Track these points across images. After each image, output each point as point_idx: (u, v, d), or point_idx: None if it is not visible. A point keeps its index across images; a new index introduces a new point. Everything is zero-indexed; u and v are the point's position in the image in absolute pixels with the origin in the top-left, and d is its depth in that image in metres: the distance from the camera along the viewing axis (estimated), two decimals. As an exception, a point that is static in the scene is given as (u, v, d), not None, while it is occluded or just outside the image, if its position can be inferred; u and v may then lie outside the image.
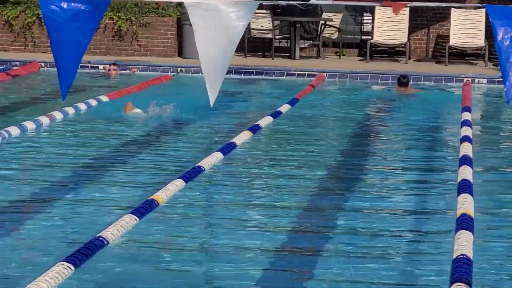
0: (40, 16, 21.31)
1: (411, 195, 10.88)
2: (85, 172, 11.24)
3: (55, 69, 8.97)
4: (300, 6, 22.30)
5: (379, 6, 22.20)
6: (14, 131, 12.96)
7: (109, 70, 21.11)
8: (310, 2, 20.16)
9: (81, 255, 6.41)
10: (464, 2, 23.51)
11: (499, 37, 9.22)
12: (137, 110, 14.53)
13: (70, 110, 14.55)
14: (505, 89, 9.08)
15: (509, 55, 9.10)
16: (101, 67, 21.42)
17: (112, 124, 14.19)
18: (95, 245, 6.73)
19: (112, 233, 7.15)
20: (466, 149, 11.84)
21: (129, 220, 7.60)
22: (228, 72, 15.50)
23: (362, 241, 8.97)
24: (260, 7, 19.29)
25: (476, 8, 22.13)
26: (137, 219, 7.71)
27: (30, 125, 13.18)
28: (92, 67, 21.27)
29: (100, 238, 6.93)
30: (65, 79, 8.54)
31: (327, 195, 11.04)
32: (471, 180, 9.97)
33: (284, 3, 20.18)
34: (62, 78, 8.61)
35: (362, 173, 12.18)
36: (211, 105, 8.79)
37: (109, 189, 10.47)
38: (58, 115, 13.95)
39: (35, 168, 11.68)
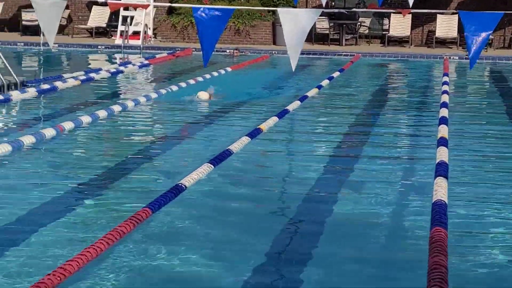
0: (192, 21, 25.98)
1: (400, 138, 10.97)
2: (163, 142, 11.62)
3: (201, 52, 12.48)
4: (346, 13, 27.92)
5: (393, 13, 27.71)
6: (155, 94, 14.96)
7: (233, 52, 25.80)
8: (351, 11, 27.78)
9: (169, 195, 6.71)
10: (446, 9, 28.31)
11: (466, 30, 12.73)
12: (206, 97, 14.91)
13: (154, 95, 14.97)
14: (470, 60, 12.92)
15: (472, 40, 12.20)
16: (227, 51, 26.18)
17: (166, 113, 14.21)
18: (178, 189, 6.98)
19: (192, 178, 7.44)
20: (444, 97, 14.31)
21: (206, 168, 7.94)
22: (302, 53, 17.48)
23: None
24: (322, 14, 25.94)
25: (452, 14, 27.17)
26: (212, 166, 8.11)
27: (154, 94, 14.82)
28: (222, 51, 25.68)
29: (179, 184, 7.12)
30: (206, 56, 11.95)
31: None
32: (447, 126, 11.09)
33: (336, 11, 26.78)
34: (204, 55, 12.07)
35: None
36: (293, 70, 12.03)
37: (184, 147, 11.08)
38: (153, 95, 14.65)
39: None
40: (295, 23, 12.98)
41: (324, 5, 24.47)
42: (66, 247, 6.41)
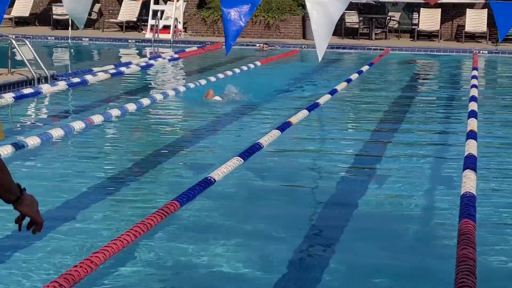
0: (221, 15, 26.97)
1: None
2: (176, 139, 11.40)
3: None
4: (375, 4, 27.68)
5: (423, 6, 27.64)
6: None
7: (262, 47, 26.08)
8: (380, 1, 27.54)
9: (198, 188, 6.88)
10: (474, 4, 28.22)
11: (499, 19, 12.24)
12: (217, 97, 14.28)
13: (183, 88, 15.29)
14: (500, 35, 12.35)
15: (504, 30, 11.87)
16: (257, 45, 26.56)
17: (195, 107, 13.97)
18: (207, 183, 7.10)
19: (222, 172, 7.56)
20: (473, 91, 14.37)
21: (236, 161, 8.05)
22: (332, 47, 19.71)
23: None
24: (350, 8, 26.65)
25: (482, 8, 27.25)
26: (242, 160, 8.19)
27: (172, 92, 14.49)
28: (252, 45, 26.26)
29: (209, 177, 7.25)
30: (228, 47, 11.48)
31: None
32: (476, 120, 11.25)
33: (364, 1, 26.24)
34: (227, 46, 11.53)
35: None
36: (319, 60, 11.60)
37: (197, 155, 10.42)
38: (169, 92, 14.37)
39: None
40: (324, 13, 12.68)
41: (354, -2, 24.66)
42: (94, 239, 6.46)
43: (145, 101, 13.22)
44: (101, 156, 10.14)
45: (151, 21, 28.01)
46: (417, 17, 29.70)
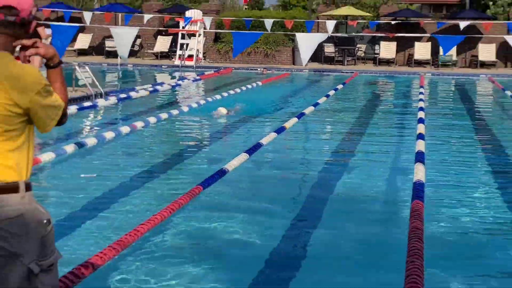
0: (232, 47, 23.79)
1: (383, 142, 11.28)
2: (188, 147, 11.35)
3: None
4: (347, 35, 27.61)
5: (383, 39, 27.77)
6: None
7: (262, 71, 25.81)
8: (350, 35, 27.73)
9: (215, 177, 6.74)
10: (421, 38, 28.45)
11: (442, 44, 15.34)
12: (224, 111, 13.63)
13: (203, 101, 14.97)
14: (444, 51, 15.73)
15: (443, 58, 15.31)
16: (258, 70, 26.41)
17: (211, 116, 13.40)
18: (223, 172, 6.98)
19: (233, 164, 7.36)
20: (420, 103, 14.33)
21: (243, 156, 7.84)
22: (314, 71, 20.21)
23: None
24: (328, 41, 26.88)
25: (427, 41, 27.37)
26: (248, 155, 8.03)
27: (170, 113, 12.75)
28: (255, 70, 26.24)
29: (222, 169, 7.04)
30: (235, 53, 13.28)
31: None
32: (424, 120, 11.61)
33: (338, 35, 26.35)
34: (234, 54, 12.64)
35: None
36: (303, 65, 13.13)
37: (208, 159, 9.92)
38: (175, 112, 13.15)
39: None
40: (308, 41, 13.66)
41: (330, 32, 24.62)
42: (139, 214, 6.50)
43: (174, 112, 13.21)
44: (142, 152, 10.20)
45: (179, 52, 28.08)
46: (378, 48, 29.65)
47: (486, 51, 28.47)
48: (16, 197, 2.76)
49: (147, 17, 28.89)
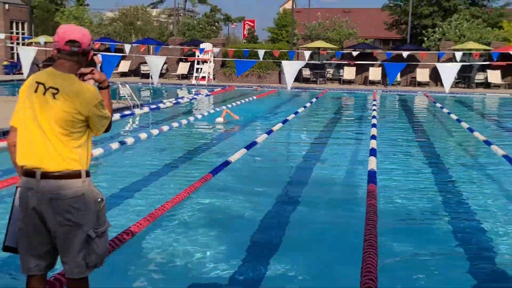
0: (235, 71, 25.59)
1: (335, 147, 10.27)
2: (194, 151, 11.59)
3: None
4: (319, 62, 27.08)
5: (346, 65, 27.27)
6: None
7: (256, 88, 25.48)
8: (322, 62, 27.35)
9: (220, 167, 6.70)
10: (374, 65, 28.02)
11: (387, 69, 14.14)
12: (221, 120, 13.01)
13: (212, 111, 14.73)
14: (389, 80, 14.29)
15: (390, 79, 14.52)
16: (253, 87, 25.99)
17: (219, 122, 12.91)
18: (228, 163, 7.01)
19: (235, 157, 7.43)
20: (374, 113, 14.06)
21: (242, 151, 7.93)
22: (294, 88, 20.07)
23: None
24: (305, 66, 26.90)
25: (378, 67, 27.05)
26: (246, 150, 8.09)
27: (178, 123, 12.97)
28: (250, 87, 25.77)
29: (227, 161, 7.10)
30: (239, 73, 13.24)
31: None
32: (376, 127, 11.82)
33: (313, 62, 25.69)
34: (238, 73, 13.08)
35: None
36: (288, 89, 12.64)
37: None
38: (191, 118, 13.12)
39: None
40: (291, 66, 13.28)
41: (306, 60, 24.49)
42: (165, 194, 6.46)
43: (191, 118, 13.09)
44: (167, 148, 10.09)
45: (195, 74, 27.92)
46: (342, 72, 29.40)
47: (422, 74, 28.43)
48: (79, 181, 2.83)
49: (171, 48, 28.86)
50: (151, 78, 20.84)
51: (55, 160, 2.80)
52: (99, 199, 2.92)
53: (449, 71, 12.97)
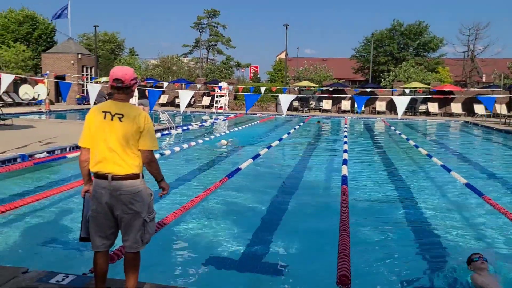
0: (244, 102, 25.40)
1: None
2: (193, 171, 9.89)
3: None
4: (306, 95, 26.14)
5: (324, 98, 26.60)
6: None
7: (259, 115, 24.53)
8: (308, 96, 26.53)
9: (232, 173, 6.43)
10: (345, 98, 27.73)
11: (357, 101, 13.04)
12: (224, 142, 12.16)
13: (227, 131, 14.49)
14: (358, 107, 15.30)
15: (358, 103, 13.11)
16: (257, 114, 25.31)
17: (215, 148, 11.29)
18: (239, 169, 6.72)
19: (244, 165, 7.27)
20: (345, 133, 14.14)
21: (249, 161, 7.75)
22: (287, 115, 19.00)
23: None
24: (295, 99, 26.40)
25: (349, 99, 26.29)
26: (252, 160, 7.97)
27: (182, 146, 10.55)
28: (255, 114, 24.91)
29: (239, 167, 6.93)
30: (247, 108, 11.74)
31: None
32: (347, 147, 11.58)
33: (302, 95, 25.08)
34: (247, 108, 11.99)
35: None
36: (284, 115, 12.06)
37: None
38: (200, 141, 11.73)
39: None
40: (285, 99, 12.96)
41: (296, 94, 24.24)
42: (193, 191, 6.35)
43: (212, 137, 12.96)
44: (194, 159, 9.90)
45: (215, 104, 27.67)
46: (322, 103, 28.97)
47: (380, 105, 28.11)
48: (137, 181, 2.88)
49: (198, 85, 28.59)
50: (180, 107, 21.02)
51: (121, 166, 2.84)
52: (150, 194, 2.96)
53: (401, 102, 12.75)
